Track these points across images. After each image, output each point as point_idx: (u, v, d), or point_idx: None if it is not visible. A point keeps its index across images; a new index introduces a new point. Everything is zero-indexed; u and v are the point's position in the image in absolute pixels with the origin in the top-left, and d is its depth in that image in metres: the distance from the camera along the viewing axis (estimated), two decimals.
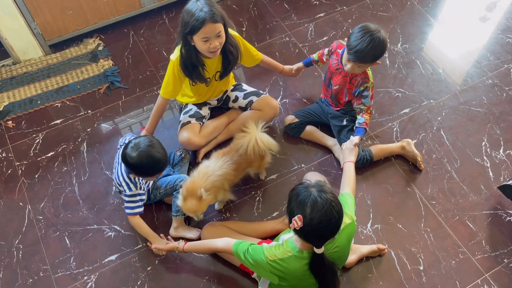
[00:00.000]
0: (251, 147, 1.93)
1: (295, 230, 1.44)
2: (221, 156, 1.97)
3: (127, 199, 1.93)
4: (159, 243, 1.94)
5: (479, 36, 2.88)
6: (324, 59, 2.32)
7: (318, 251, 1.47)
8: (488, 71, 2.68)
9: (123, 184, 1.91)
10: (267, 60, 2.37)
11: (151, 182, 2.04)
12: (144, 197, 1.97)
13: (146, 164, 1.80)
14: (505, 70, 2.68)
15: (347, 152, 2.01)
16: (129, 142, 1.83)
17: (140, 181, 1.94)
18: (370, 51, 1.91)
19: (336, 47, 2.18)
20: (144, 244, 2.07)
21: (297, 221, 1.40)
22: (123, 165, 1.90)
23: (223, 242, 1.71)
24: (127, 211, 1.94)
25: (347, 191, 1.78)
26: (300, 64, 2.43)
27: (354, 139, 2.06)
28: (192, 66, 2.03)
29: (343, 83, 2.16)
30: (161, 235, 1.99)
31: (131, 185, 1.91)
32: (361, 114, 2.16)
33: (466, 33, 2.89)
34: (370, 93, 2.12)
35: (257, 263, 1.56)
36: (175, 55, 2.02)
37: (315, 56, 2.37)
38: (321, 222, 1.39)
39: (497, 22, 2.94)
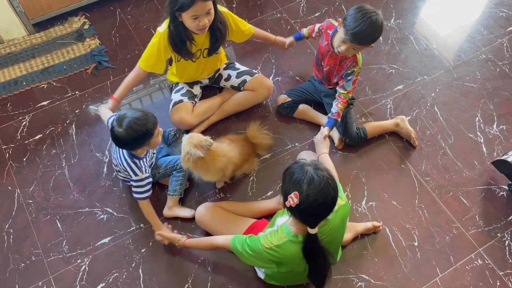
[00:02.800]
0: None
1: (290, 208, 1.43)
2: (230, 142, 2.00)
3: (134, 184, 1.88)
4: (163, 230, 1.92)
5: (472, 10, 2.85)
6: (314, 35, 2.26)
7: (312, 231, 1.45)
8: (481, 46, 2.66)
9: (128, 169, 1.86)
10: (258, 33, 2.31)
11: (153, 160, 2.01)
12: (151, 179, 1.93)
13: (136, 131, 1.71)
14: (498, 45, 2.66)
15: (320, 145, 1.97)
16: (112, 123, 1.76)
17: (145, 163, 1.90)
18: (370, 32, 1.85)
19: (326, 27, 2.10)
20: (138, 226, 2.04)
21: (293, 198, 1.38)
22: (123, 150, 1.86)
23: (223, 238, 1.71)
24: (136, 196, 1.90)
25: None
26: (291, 39, 2.37)
27: (324, 131, 2.02)
28: (181, 42, 1.98)
29: (333, 65, 2.12)
30: (169, 225, 1.97)
31: (137, 170, 1.86)
32: (336, 102, 2.10)
33: (459, 8, 2.85)
34: (354, 78, 2.07)
35: (255, 253, 1.55)
36: (163, 28, 1.97)
37: (305, 31, 2.30)
38: (318, 199, 1.37)
39: None
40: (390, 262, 1.95)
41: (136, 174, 1.86)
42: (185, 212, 2.05)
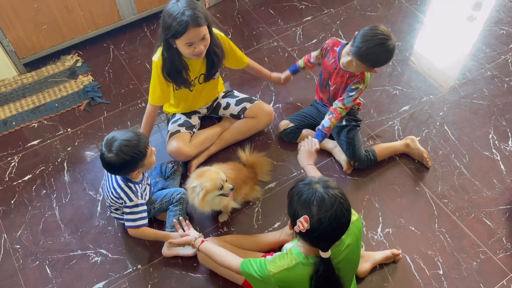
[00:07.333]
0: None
1: (300, 233, 1.27)
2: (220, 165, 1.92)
3: (128, 210, 1.74)
4: (173, 238, 1.76)
5: (472, 29, 2.80)
6: (312, 61, 2.16)
7: (325, 255, 1.29)
8: (485, 63, 2.59)
9: (122, 195, 1.72)
10: (254, 66, 2.23)
11: (147, 192, 1.85)
12: (146, 207, 1.78)
13: (127, 154, 1.58)
14: (503, 61, 2.59)
15: (307, 155, 1.80)
16: (101, 149, 1.64)
17: (140, 188, 1.76)
18: (376, 53, 1.75)
19: (332, 44, 2.01)
20: (135, 268, 1.86)
21: (303, 223, 1.23)
22: (117, 176, 1.73)
23: (235, 260, 1.49)
24: (128, 224, 1.75)
25: None
26: (288, 73, 2.29)
27: (316, 142, 1.86)
28: (177, 71, 1.88)
29: (340, 83, 2.02)
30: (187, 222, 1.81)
31: (132, 195, 1.72)
32: (330, 116, 1.98)
33: (459, 28, 2.81)
34: (355, 95, 1.96)
35: (263, 278, 1.37)
36: (157, 56, 1.87)
37: (300, 62, 2.23)
38: (331, 223, 1.22)
39: (488, 15, 2.87)
40: None
41: (131, 200, 1.72)
42: (186, 250, 1.87)
